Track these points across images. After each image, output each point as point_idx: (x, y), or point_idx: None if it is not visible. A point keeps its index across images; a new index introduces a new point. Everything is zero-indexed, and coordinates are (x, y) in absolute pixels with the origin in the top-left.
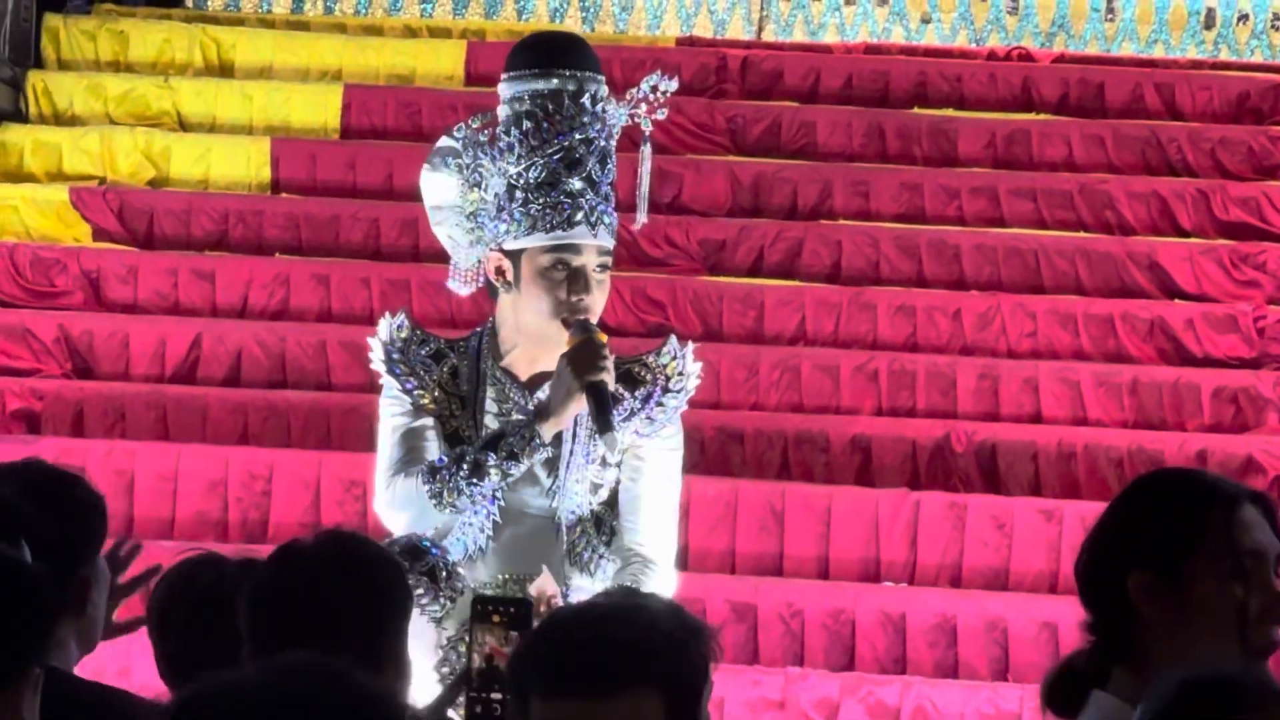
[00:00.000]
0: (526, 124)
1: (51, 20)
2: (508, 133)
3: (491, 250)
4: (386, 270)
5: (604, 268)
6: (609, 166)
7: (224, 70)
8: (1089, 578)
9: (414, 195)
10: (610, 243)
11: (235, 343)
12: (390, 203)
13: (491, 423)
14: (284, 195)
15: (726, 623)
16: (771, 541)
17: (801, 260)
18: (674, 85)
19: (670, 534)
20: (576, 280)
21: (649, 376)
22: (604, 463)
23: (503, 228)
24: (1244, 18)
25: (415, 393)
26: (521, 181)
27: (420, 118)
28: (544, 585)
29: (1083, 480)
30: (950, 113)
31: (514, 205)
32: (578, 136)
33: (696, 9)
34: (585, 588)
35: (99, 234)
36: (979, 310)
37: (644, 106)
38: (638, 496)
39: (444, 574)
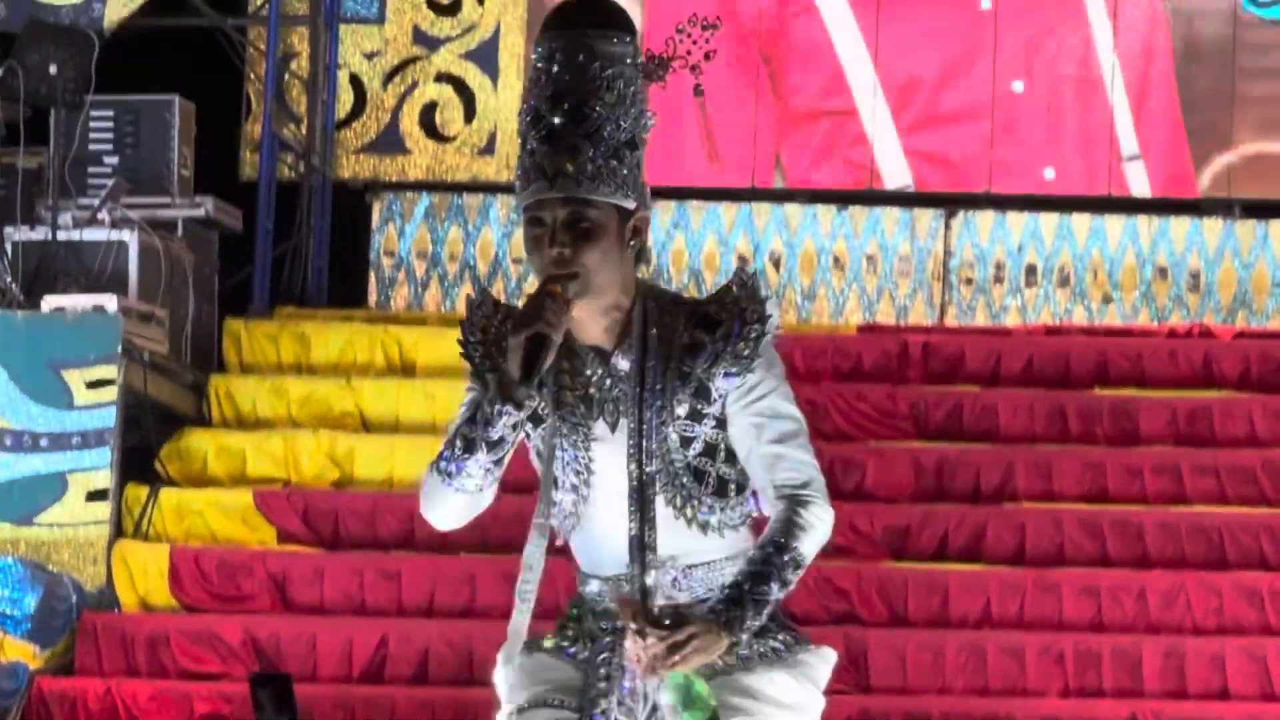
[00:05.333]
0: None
1: (233, 324)
2: None
3: None
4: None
5: (579, 219)
6: (590, 117)
7: (406, 370)
8: None
9: None
10: (578, 191)
11: (422, 642)
12: None
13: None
14: None
15: None
16: None
17: (985, 543)
18: (717, 26)
19: (811, 462)
20: (552, 235)
21: (724, 315)
22: (694, 416)
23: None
24: None
25: (489, 370)
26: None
27: None
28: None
29: None
30: (1131, 392)
31: None
32: (546, 94)
33: (879, 296)
34: (703, 550)
35: (284, 536)
36: (1163, 588)
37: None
38: (764, 453)
39: None
